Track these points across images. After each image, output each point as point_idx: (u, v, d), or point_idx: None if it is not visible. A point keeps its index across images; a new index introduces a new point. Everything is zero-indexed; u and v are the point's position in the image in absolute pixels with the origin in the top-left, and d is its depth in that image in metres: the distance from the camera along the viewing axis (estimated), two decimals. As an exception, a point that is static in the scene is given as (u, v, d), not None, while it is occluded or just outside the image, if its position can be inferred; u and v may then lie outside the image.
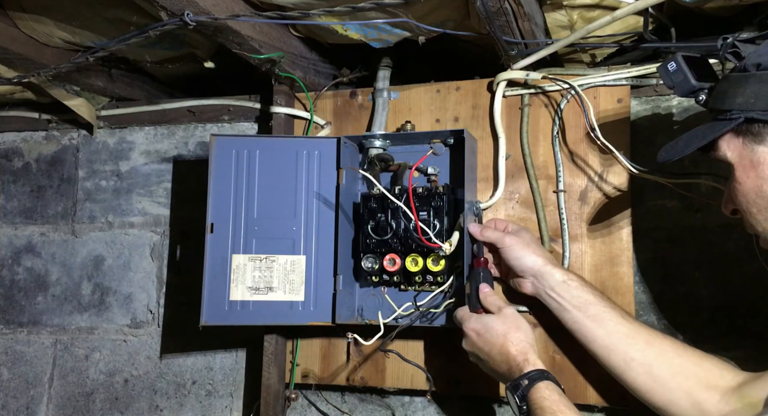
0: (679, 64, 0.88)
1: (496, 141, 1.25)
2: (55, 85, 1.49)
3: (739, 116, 0.75)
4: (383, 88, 1.33)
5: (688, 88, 0.86)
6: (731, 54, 0.79)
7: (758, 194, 0.75)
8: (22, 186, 1.70)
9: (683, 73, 0.87)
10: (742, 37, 0.79)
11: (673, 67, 0.88)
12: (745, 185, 0.76)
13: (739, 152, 0.77)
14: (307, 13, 1.03)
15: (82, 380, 1.58)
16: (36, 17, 1.26)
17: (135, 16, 1.15)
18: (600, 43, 1.13)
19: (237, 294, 1.23)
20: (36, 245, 1.67)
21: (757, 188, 0.75)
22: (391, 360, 1.27)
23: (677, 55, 0.89)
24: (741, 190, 0.77)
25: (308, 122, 1.38)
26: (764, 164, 0.74)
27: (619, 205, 1.18)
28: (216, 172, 1.25)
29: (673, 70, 0.88)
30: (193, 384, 1.50)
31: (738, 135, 0.77)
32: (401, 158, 1.26)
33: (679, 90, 0.88)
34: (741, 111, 0.75)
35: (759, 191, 0.75)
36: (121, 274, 1.59)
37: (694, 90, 0.86)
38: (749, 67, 0.75)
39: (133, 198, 1.61)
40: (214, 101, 1.55)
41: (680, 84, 0.87)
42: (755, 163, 0.75)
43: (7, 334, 1.65)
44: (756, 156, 0.75)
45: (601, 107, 1.19)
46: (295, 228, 1.26)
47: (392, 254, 1.19)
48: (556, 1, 1.07)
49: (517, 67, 1.19)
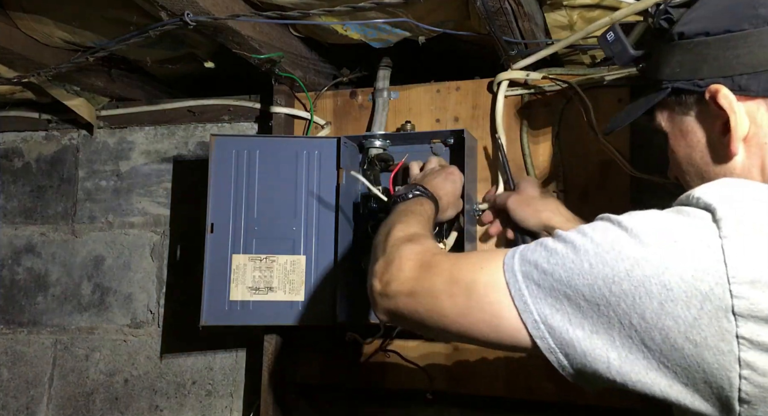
0: (617, 33, 0.87)
1: (497, 141, 1.25)
2: (55, 85, 1.49)
3: (667, 86, 0.75)
4: (383, 88, 1.33)
5: (627, 58, 0.86)
6: (664, 20, 0.77)
7: (689, 162, 0.77)
8: (22, 186, 1.70)
9: (621, 43, 0.86)
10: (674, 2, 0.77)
11: (611, 37, 0.87)
12: (678, 154, 0.78)
13: (671, 121, 0.78)
14: (307, 13, 1.03)
15: (82, 380, 1.58)
16: (36, 17, 1.26)
17: (135, 16, 1.15)
18: (600, 43, 1.12)
19: (237, 294, 1.23)
20: (36, 245, 1.67)
21: (687, 156, 0.76)
22: (391, 360, 1.28)
23: (615, 25, 0.88)
24: (675, 158, 0.79)
25: (308, 122, 1.38)
26: (691, 133, 0.75)
27: (619, 205, 1.18)
28: (216, 172, 1.25)
29: (612, 40, 0.87)
30: (193, 384, 1.50)
31: (668, 105, 0.77)
32: (401, 158, 1.26)
33: (619, 59, 0.87)
34: (669, 81, 0.75)
35: (689, 159, 0.76)
36: (121, 274, 1.59)
37: (633, 59, 0.86)
38: (674, 36, 0.75)
39: (133, 198, 1.61)
40: (214, 101, 1.55)
41: (619, 54, 0.87)
42: (684, 132, 0.76)
43: (7, 334, 1.65)
44: (684, 125, 0.76)
45: (601, 107, 1.19)
46: (295, 228, 1.26)
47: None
48: (556, 1, 1.07)
49: (517, 67, 1.19)
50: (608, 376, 0.61)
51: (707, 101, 0.71)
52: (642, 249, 0.61)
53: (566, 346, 0.63)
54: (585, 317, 0.62)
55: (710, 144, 0.74)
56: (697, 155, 0.75)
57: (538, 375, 1.17)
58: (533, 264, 0.65)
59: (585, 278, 0.62)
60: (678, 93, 0.75)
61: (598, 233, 0.65)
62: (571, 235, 0.66)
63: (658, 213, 0.67)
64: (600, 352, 0.61)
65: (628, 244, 0.62)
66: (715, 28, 0.71)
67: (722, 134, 0.72)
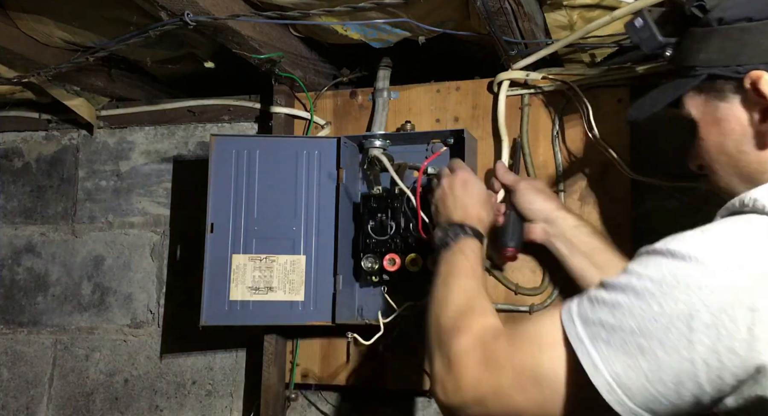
0: (645, 19, 0.85)
1: (499, 142, 1.24)
2: (55, 85, 1.49)
3: (701, 72, 0.74)
4: (383, 88, 1.33)
5: (655, 45, 0.84)
6: (697, 7, 0.76)
7: (720, 150, 0.75)
8: (22, 186, 1.70)
9: (649, 29, 0.84)
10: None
11: (639, 23, 0.86)
12: (708, 142, 0.76)
13: (702, 108, 0.76)
14: (307, 13, 1.03)
15: (82, 380, 1.58)
16: (36, 17, 1.26)
17: (135, 16, 1.15)
18: (600, 43, 1.12)
19: (237, 294, 1.23)
20: (36, 245, 1.67)
21: (719, 145, 0.75)
22: (391, 360, 1.27)
23: (643, 11, 0.86)
24: (704, 146, 0.77)
25: (308, 122, 1.38)
26: (725, 121, 0.74)
27: (618, 205, 1.18)
28: (216, 172, 1.25)
29: (640, 26, 0.85)
30: (193, 384, 1.50)
31: (701, 92, 0.76)
32: (401, 158, 1.26)
33: (647, 46, 0.85)
34: (703, 67, 0.74)
35: (721, 148, 0.75)
36: (121, 274, 1.59)
37: (661, 46, 0.84)
38: (712, 21, 0.74)
39: (133, 198, 1.61)
40: (214, 101, 1.55)
41: (647, 40, 0.85)
42: (717, 119, 0.74)
43: (7, 334, 1.65)
44: (718, 113, 0.74)
45: (601, 107, 1.19)
46: (295, 228, 1.26)
47: (392, 254, 1.19)
48: (556, 1, 1.07)
49: (517, 67, 1.19)
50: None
51: (746, 88, 0.70)
52: (711, 275, 0.57)
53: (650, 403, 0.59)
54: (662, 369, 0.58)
55: (746, 132, 0.72)
56: (730, 142, 0.73)
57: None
58: (599, 323, 0.61)
59: (658, 322, 0.58)
60: (713, 79, 0.73)
61: (652, 270, 0.61)
62: (624, 280, 0.62)
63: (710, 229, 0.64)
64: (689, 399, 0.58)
65: (693, 273, 0.58)
66: (758, 13, 0.70)
67: (761, 122, 0.70)
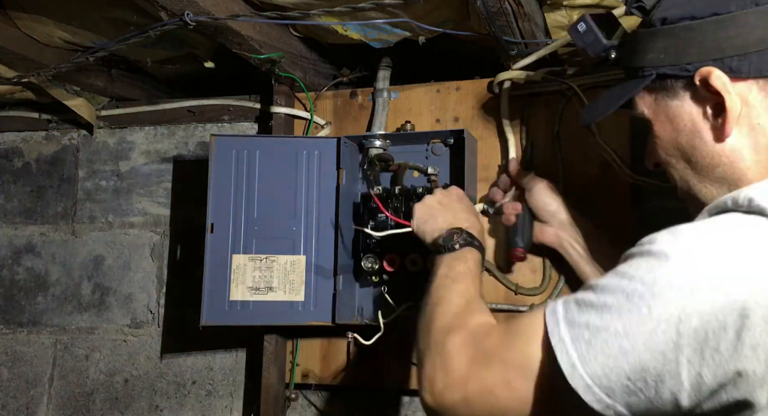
0: (588, 24, 0.85)
1: (505, 142, 1.24)
2: (55, 85, 1.49)
3: (650, 72, 0.75)
4: (383, 88, 1.33)
5: (600, 48, 0.85)
6: (636, 8, 0.77)
7: (675, 146, 0.76)
8: (22, 186, 1.70)
9: (593, 33, 0.85)
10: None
11: (582, 28, 0.86)
12: (663, 140, 0.78)
13: (655, 108, 0.77)
14: (307, 13, 1.03)
15: (82, 380, 1.58)
16: (36, 17, 1.26)
17: (135, 16, 1.15)
18: (600, 43, 1.12)
19: (237, 294, 1.23)
20: (36, 245, 1.67)
21: (673, 141, 0.76)
22: (391, 360, 1.27)
23: (586, 16, 0.87)
24: (659, 144, 0.78)
25: (308, 122, 1.38)
26: (678, 118, 0.75)
27: (619, 205, 1.18)
28: (216, 172, 1.25)
29: (584, 30, 0.86)
30: (193, 384, 1.50)
31: (651, 91, 0.77)
32: (401, 158, 1.26)
33: (592, 50, 0.86)
34: (651, 67, 0.75)
35: (675, 144, 0.76)
36: (121, 274, 1.59)
37: (605, 48, 0.84)
38: (655, 22, 0.75)
39: (133, 198, 1.61)
40: (214, 101, 1.55)
41: (592, 45, 0.85)
42: (670, 117, 0.76)
43: (7, 334, 1.65)
44: (670, 111, 0.75)
45: (601, 107, 1.18)
46: (295, 228, 1.26)
47: (392, 254, 1.19)
48: (556, 1, 1.07)
49: (517, 67, 1.19)
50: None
51: (696, 85, 0.71)
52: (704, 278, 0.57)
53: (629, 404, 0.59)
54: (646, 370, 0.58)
55: (698, 127, 0.74)
56: (683, 138, 0.75)
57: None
58: (584, 325, 0.61)
59: (645, 325, 0.57)
60: (662, 78, 0.75)
61: (643, 271, 0.61)
62: (614, 282, 0.62)
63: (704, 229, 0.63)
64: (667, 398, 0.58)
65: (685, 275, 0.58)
66: (700, 11, 0.71)
67: (714, 117, 0.72)
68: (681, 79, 0.73)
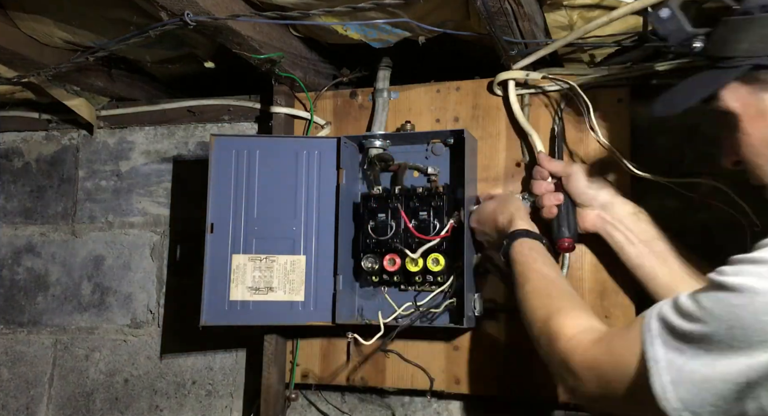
0: (673, 9, 0.81)
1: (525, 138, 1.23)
2: (55, 85, 1.49)
3: (743, 63, 0.71)
4: (383, 88, 1.33)
5: (683, 36, 0.80)
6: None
7: (766, 144, 0.72)
8: (22, 186, 1.70)
9: (677, 19, 0.81)
10: None
11: (666, 14, 0.82)
12: (753, 136, 0.73)
13: (745, 100, 0.73)
14: (307, 13, 1.03)
15: (82, 380, 1.58)
16: (36, 17, 1.26)
17: (135, 16, 1.15)
18: (600, 42, 1.12)
19: (237, 294, 1.23)
20: (36, 245, 1.67)
21: (764, 138, 0.72)
22: (391, 360, 1.27)
23: (670, 1, 0.82)
24: (747, 141, 0.74)
25: (308, 122, 1.38)
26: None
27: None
28: (216, 172, 1.25)
29: (667, 17, 0.82)
30: (193, 384, 1.50)
31: (743, 83, 0.73)
32: (401, 158, 1.26)
33: (674, 38, 0.81)
34: (746, 57, 0.71)
35: (767, 141, 0.72)
36: (121, 274, 1.59)
37: (689, 37, 0.80)
38: (752, 9, 0.71)
39: (133, 198, 1.61)
40: (214, 101, 1.55)
41: (675, 32, 0.81)
42: (763, 112, 0.72)
43: (7, 334, 1.65)
44: (763, 104, 0.71)
45: (601, 107, 1.19)
46: (295, 228, 1.26)
47: (392, 254, 1.19)
48: (556, 1, 1.07)
49: (517, 67, 1.19)
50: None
51: None
52: None
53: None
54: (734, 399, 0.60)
55: None
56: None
57: (538, 375, 1.17)
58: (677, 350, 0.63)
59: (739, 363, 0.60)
60: (757, 69, 0.71)
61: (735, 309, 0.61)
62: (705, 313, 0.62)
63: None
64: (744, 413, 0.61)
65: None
66: None
67: None
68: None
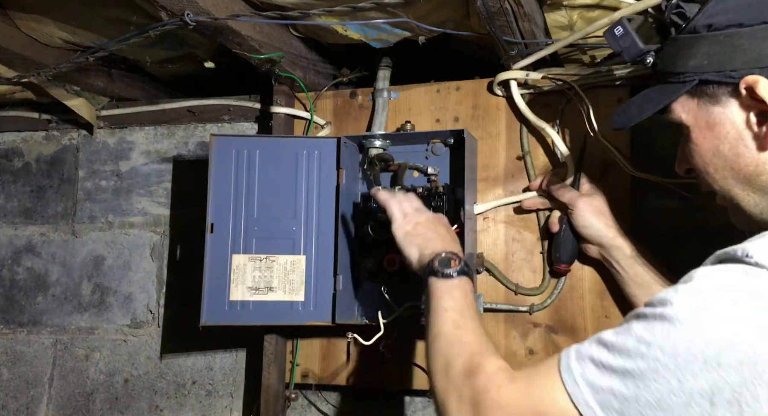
0: (625, 28, 0.86)
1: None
2: (55, 85, 1.49)
3: (692, 78, 0.75)
4: (383, 88, 1.33)
5: (636, 52, 0.85)
6: (676, 14, 0.78)
7: (715, 153, 0.76)
8: (22, 186, 1.70)
9: (630, 37, 0.86)
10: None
11: (620, 32, 0.87)
12: (702, 146, 0.77)
13: (695, 114, 0.76)
14: (307, 13, 1.03)
15: (82, 380, 1.58)
16: (36, 17, 1.26)
17: (135, 16, 1.15)
18: (600, 43, 1.12)
19: (237, 294, 1.23)
20: (36, 245, 1.67)
21: (714, 148, 0.75)
22: (391, 360, 1.27)
23: (623, 19, 0.87)
24: (698, 151, 0.77)
25: (308, 122, 1.38)
26: (720, 125, 0.74)
27: (619, 205, 1.18)
28: (216, 172, 1.25)
29: (620, 34, 0.87)
30: (193, 384, 1.50)
31: (692, 97, 0.76)
32: (401, 158, 1.26)
33: (628, 54, 0.86)
34: (693, 73, 0.74)
35: (716, 151, 0.75)
36: (121, 274, 1.59)
37: (642, 53, 0.85)
38: (699, 28, 0.74)
39: (133, 198, 1.61)
40: (214, 101, 1.55)
41: (628, 49, 0.86)
42: (711, 124, 0.75)
43: (7, 334, 1.65)
44: (712, 117, 0.75)
45: (601, 107, 1.18)
46: (295, 228, 1.26)
47: (392, 254, 1.19)
48: (556, 1, 1.07)
49: (517, 67, 1.19)
50: None
51: (742, 93, 0.71)
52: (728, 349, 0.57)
53: None
54: None
55: (742, 135, 0.73)
56: (726, 146, 0.74)
57: (538, 375, 1.17)
58: (609, 392, 0.62)
59: (678, 397, 0.58)
60: (705, 84, 0.74)
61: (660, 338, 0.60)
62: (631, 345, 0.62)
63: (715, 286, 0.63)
64: None
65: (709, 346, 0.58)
66: (749, 19, 0.71)
67: (758, 125, 0.71)
68: (725, 86, 0.73)
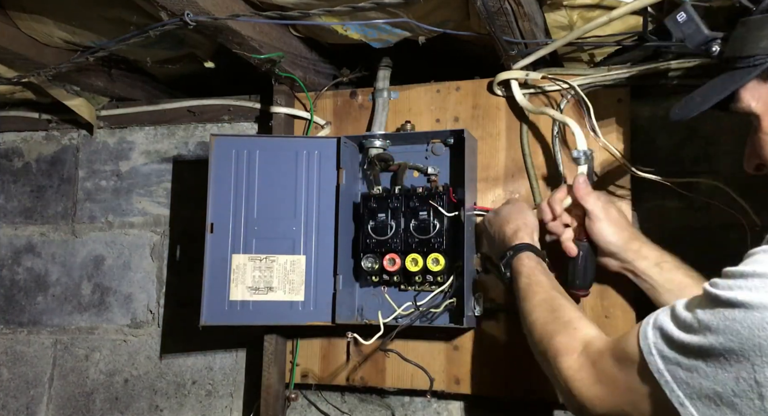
0: (689, 14, 0.82)
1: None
2: (55, 85, 1.49)
3: (764, 60, 0.70)
4: (383, 88, 1.33)
5: (701, 39, 0.80)
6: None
7: None
8: (22, 186, 1.70)
9: (694, 23, 0.81)
10: None
11: (683, 18, 0.82)
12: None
13: (765, 100, 0.71)
14: (307, 13, 1.03)
15: (82, 380, 1.58)
16: (36, 17, 1.26)
17: (135, 16, 1.15)
18: (600, 42, 1.12)
19: (237, 294, 1.23)
20: (36, 245, 1.67)
21: None
22: (391, 360, 1.27)
23: (686, 5, 0.82)
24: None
25: (308, 122, 1.38)
26: None
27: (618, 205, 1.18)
28: (216, 172, 1.25)
29: (683, 20, 0.82)
30: (193, 384, 1.50)
31: (764, 81, 0.71)
32: (401, 158, 1.26)
33: (691, 42, 0.81)
34: (766, 55, 0.70)
35: None
36: (121, 274, 1.59)
37: (707, 40, 0.80)
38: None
39: (133, 198, 1.61)
40: (214, 101, 1.55)
41: (692, 35, 0.81)
42: None
43: (7, 334, 1.65)
44: None
45: (601, 107, 1.18)
46: (295, 228, 1.26)
47: (392, 254, 1.19)
48: (556, 1, 1.07)
49: (517, 67, 1.19)
50: None
51: None
52: None
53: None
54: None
55: None
56: None
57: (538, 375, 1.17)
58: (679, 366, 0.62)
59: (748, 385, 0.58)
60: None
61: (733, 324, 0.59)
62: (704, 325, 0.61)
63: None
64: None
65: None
66: None
67: None
68: None
